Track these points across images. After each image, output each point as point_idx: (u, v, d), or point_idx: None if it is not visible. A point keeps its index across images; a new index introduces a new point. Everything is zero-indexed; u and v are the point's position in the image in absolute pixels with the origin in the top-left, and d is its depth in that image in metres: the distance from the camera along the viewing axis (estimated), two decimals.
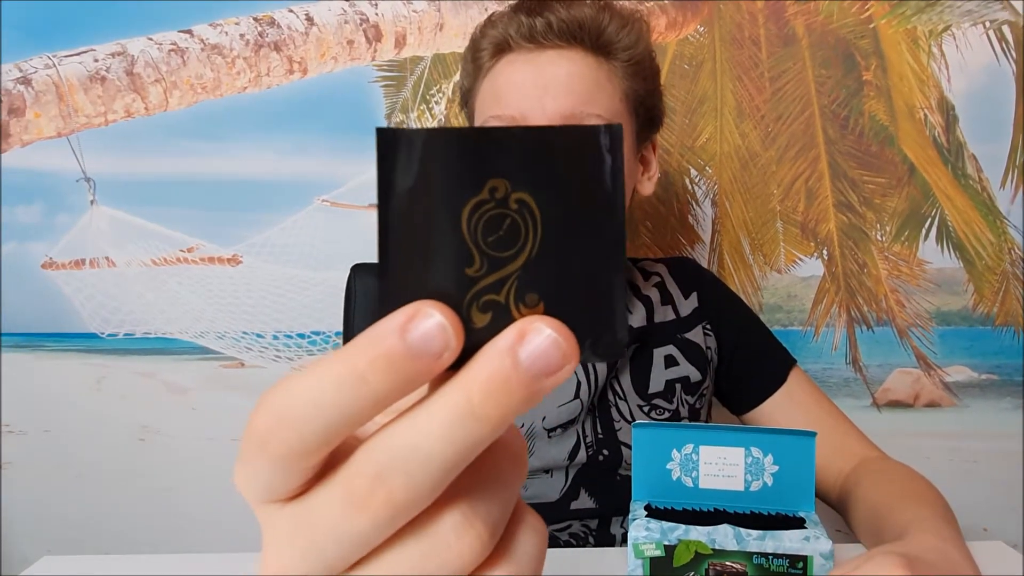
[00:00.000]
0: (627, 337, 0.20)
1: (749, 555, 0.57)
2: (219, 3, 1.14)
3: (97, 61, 1.14)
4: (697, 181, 1.22)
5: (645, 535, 0.58)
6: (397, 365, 0.18)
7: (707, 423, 0.92)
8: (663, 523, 0.59)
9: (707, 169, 1.21)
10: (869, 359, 1.25)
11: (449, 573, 0.19)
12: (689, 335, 0.89)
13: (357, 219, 1.20)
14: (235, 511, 1.22)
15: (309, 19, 1.15)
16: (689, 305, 0.91)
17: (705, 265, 1.21)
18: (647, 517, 0.60)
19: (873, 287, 1.23)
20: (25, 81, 1.14)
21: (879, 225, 1.22)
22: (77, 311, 1.21)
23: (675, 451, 0.63)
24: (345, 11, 1.16)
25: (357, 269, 1.02)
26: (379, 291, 0.19)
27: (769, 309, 1.23)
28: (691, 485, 0.63)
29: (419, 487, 0.18)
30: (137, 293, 1.21)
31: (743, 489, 0.62)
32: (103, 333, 1.22)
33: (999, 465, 1.26)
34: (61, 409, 1.24)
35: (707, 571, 0.58)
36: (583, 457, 0.82)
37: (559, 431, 0.81)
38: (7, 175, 1.18)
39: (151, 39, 1.15)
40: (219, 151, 1.19)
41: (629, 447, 0.83)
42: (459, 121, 1.19)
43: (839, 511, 0.81)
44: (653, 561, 0.58)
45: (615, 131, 0.20)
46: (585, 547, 0.82)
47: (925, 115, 1.20)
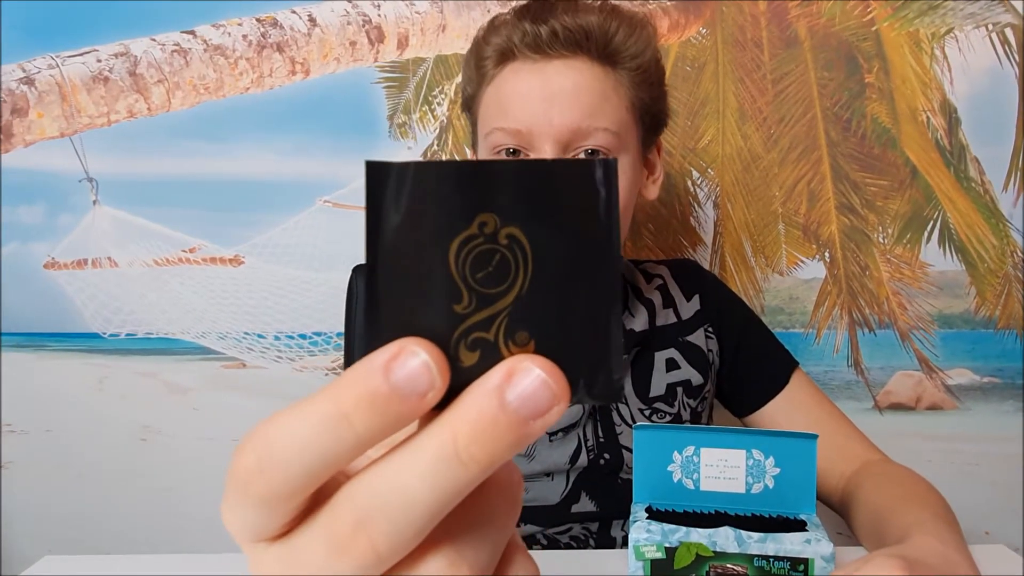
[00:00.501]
0: (623, 378, 0.20)
1: (750, 557, 0.57)
2: (222, 4, 1.15)
3: (100, 61, 1.14)
4: (699, 183, 1.22)
5: (646, 537, 0.58)
6: (381, 405, 0.17)
7: (708, 425, 0.91)
8: (664, 525, 0.59)
9: (709, 171, 1.21)
10: (871, 362, 1.24)
11: None
12: (691, 338, 0.89)
13: (359, 220, 1.20)
14: None
15: (312, 20, 1.16)
16: (691, 308, 0.91)
17: (707, 267, 1.21)
18: (648, 519, 0.60)
19: (875, 289, 1.23)
20: (28, 81, 1.14)
21: (881, 227, 1.22)
22: (79, 311, 1.22)
23: (676, 453, 0.63)
24: (348, 12, 1.16)
25: (359, 270, 1.02)
26: (366, 326, 0.19)
27: (771, 311, 1.23)
28: (692, 487, 0.63)
29: (402, 532, 0.18)
30: (139, 293, 1.21)
31: (744, 491, 0.62)
32: (105, 333, 1.22)
33: (1001, 468, 1.26)
34: (63, 409, 1.24)
35: (708, 573, 0.57)
36: (584, 461, 0.82)
37: (560, 435, 0.81)
38: (10, 175, 1.18)
39: (154, 40, 1.15)
40: (221, 152, 1.19)
41: (630, 451, 0.83)
42: (461, 122, 1.19)
43: (841, 514, 0.81)
44: (654, 563, 0.58)
45: (610, 165, 0.19)
46: (586, 549, 0.82)
47: (927, 118, 1.20)
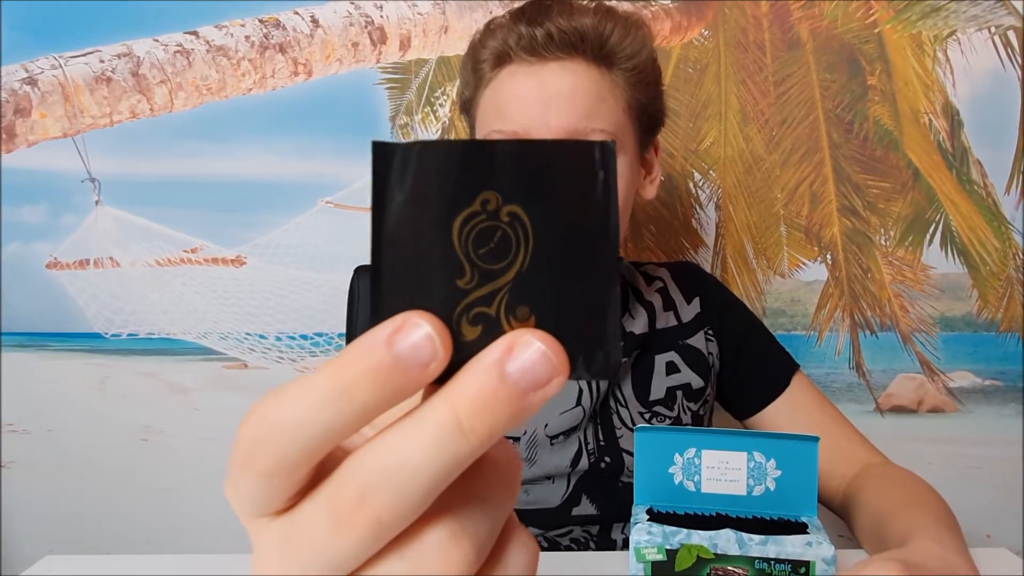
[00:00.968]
0: (620, 356, 0.20)
1: (751, 560, 0.57)
2: (225, 5, 1.15)
3: (103, 62, 1.14)
4: (701, 185, 1.22)
5: (647, 539, 0.58)
6: (383, 377, 0.18)
7: (709, 427, 0.91)
8: (665, 527, 0.58)
9: (711, 173, 1.21)
10: (872, 364, 1.24)
11: None
12: (691, 341, 0.89)
13: (361, 221, 1.20)
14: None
15: (314, 21, 1.16)
16: (691, 310, 0.91)
17: (708, 269, 1.21)
18: (649, 521, 0.60)
19: (877, 292, 1.23)
20: (31, 82, 1.14)
21: (883, 230, 1.21)
22: (81, 311, 1.22)
23: (677, 455, 0.63)
24: (350, 13, 1.16)
25: (360, 271, 1.02)
26: (371, 302, 0.20)
27: (772, 313, 1.22)
28: (693, 489, 0.63)
29: (404, 504, 0.18)
30: (141, 293, 1.21)
31: (745, 493, 0.62)
32: (107, 333, 1.22)
33: (1002, 471, 1.26)
34: (64, 409, 1.24)
35: (709, 575, 0.57)
36: (585, 464, 0.82)
37: (561, 438, 0.81)
38: (13, 175, 1.18)
39: (157, 40, 1.15)
40: (224, 152, 1.19)
41: (631, 454, 0.83)
42: (462, 124, 1.19)
43: (842, 517, 0.81)
44: (655, 565, 0.58)
45: (608, 148, 0.20)
46: (586, 551, 0.82)
47: (930, 120, 1.19)
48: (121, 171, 1.19)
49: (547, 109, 0.74)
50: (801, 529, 0.59)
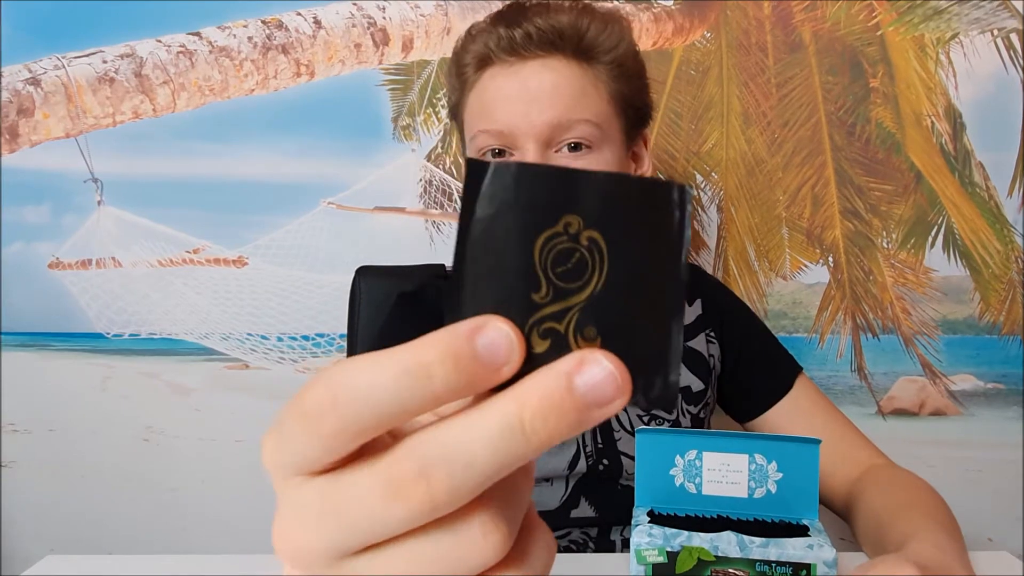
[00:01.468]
0: (678, 387, 0.21)
1: (752, 562, 0.57)
2: (227, 6, 1.15)
3: (106, 62, 1.15)
4: (703, 187, 1.22)
5: (648, 541, 0.58)
6: (463, 365, 0.19)
7: (710, 430, 0.91)
8: (666, 529, 0.58)
9: (713, 175, 1.21)
10: (874, 367, 1.24)
11: (467, 571, 0.20)
12: (692, 343, 0.88)
13: (362, 222, 1.21)
14: (238, 512, 1.22)
15: (317, 22, 1.16)
16: (692, 312, 0.90)
17: (710, 271, 1.21)
18: (650, 523, 0.60)
19: (879, 294, 1.23)
20: (34, 82, 1.15)
21: (885, 232, 1.21)
22: (83, 311, 1.22)
23: (678, 457, 0.63)
24: (353, 15, 1.16)
25: (362, 272, 1.02)
26: (450, 302, 0.21)
27: (774, 316, 1.22)
28: (694, 491, 0.63)
29: (459, 488, 0.19)
30: (143, 294, 1.21)
31: (747, 496, 0.62)
32: (109, 333, 1.22)
33: (1004, 474, 1.25)
34: (66, 409, 1.24)
35: None
36: (583, 467, 0.82)
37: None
38: (15, 175, 1.18)
39: (160, 41, 1.15)
40: (226, 153, 1.19)
41: (630, 457, 0.83)
42: None
43: (845, 519, 0.81)
44: (655, 567, 0.58)
45: (686, 191, 0.21)
46: (585, 553, 0.82)
47: (932, 122, 1.19)
48: (124, 171, 1.19)
49: (529, 106, 0.75)
50: (802, 532, 0.59)
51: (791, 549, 0.56)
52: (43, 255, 1.21)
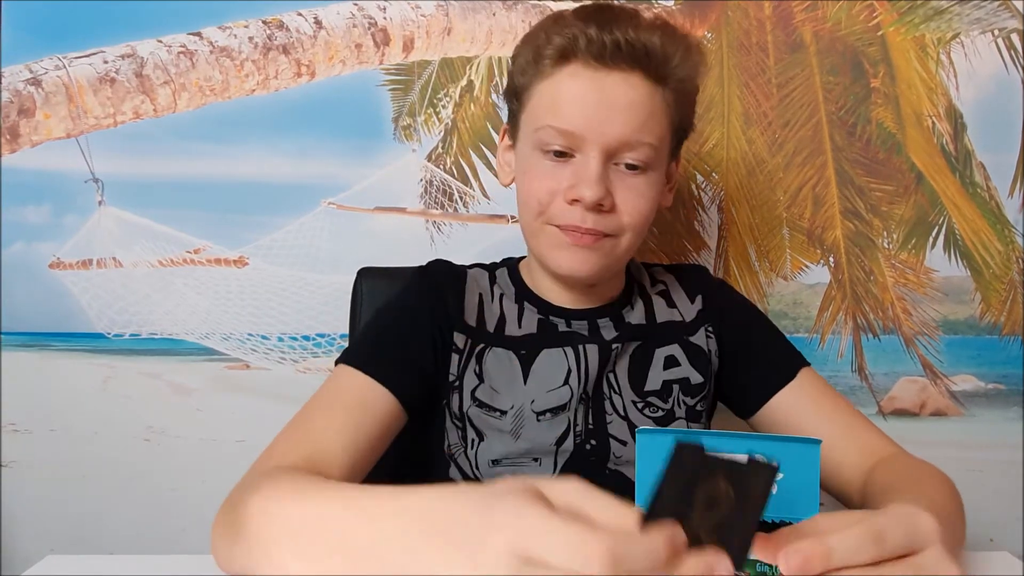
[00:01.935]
0: (743, 564, 0.37)
1: (753, 562, 0.57)
2: (228, 6, 1.15)
3: (107, 63, 1.15)
4: (703, 187, 1.22)
5: None
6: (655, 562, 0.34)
7: (710, 429, 0.91)
8: None
9: (713, 175, 1.21)
10: (875, 367, 1.24)
11: None
12: (693, 338, 0.88)
13: (363, 222, 1.21)
14: None
15: (317, 22, 1.16)
16: (694, 309, 0.90)
17: (711, 271, 1.21)
18: None
19: (879, 295, 1.23)
20: (35, 82, 1.15)
21: (886, 233, 1.21)
22: (84, 311, 1.22)
23: None
24: (353, 15, 1.16)
25: (363, 273, 1.03)
26: (648, 510, 0.37)
27: (775, 316, 1.22)
28: None
29: None
30: (144, 294, 1.21)
31: None
32: (110, 333, 1.23)
33: (1005, 475, 1.25)
34: (67, 409, 1.24)
35: None
36: (570, 444, 0.82)
37: (548, 415, 0.81)
38: (16, 175, 1.18)
39: (160, 41, 1.15)
40: (226, 153, 1.19)
41: (620, 442, 0.83)
42: (465, 124, 1.20)
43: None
44: None
45: (776, 471, 0.39)
46: None
47: (933, 123, 1.19)
48: (124, 172, 1.19)
49: (604, 117, 0.75)
50: None
51: None
52: (44, 255, 1.21)
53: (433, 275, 0.88)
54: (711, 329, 0.89)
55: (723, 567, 0.35)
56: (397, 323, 0.83)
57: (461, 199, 1.21)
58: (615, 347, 0.84)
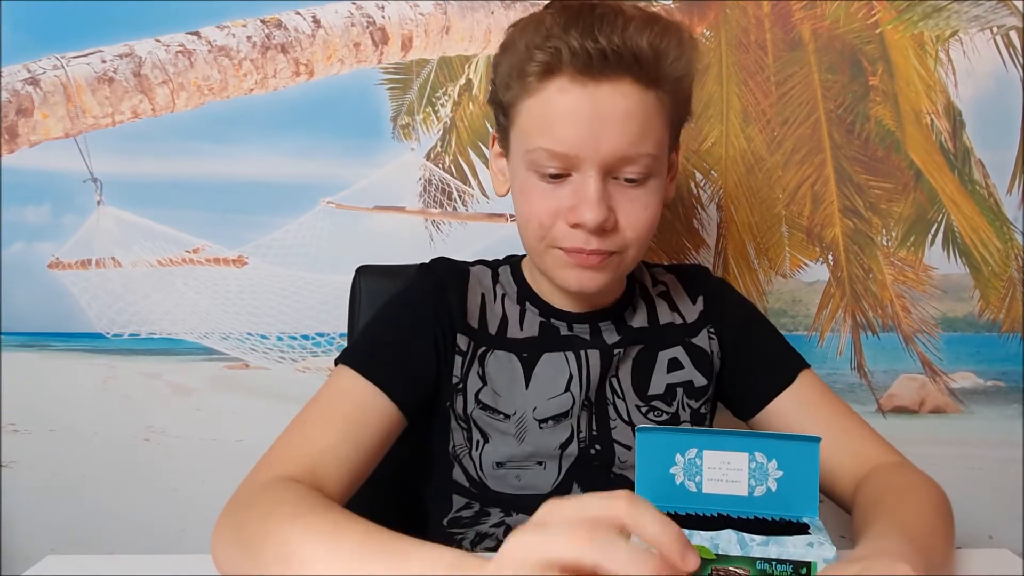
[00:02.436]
0: None
1: (752, 560, 0.57)
2: (226, 5, 1.15)
3: (105, 62, 1.15)
4: (702, 185, 1.22)
5: None
6: None
7: (711, 428, 0.91)
8: None
9: (712, 173, 1.21)
10: (874, 365, 1.24)
11: None
12: (695, 340, 0.88)
13: (362, 221, 1.21)
14: None
15: (316, 21, 1.16)
16: (695, 310, 0.90)
17: (710, 269, 1.21)
18: None
19: (879, 292, 1.23)
20: (33, 82, 1.15)
21: (885, 230, 1.21)
22: (83, 311, 1.22)
23: (678, 455, 0.63)
24: (352, 14, 1.16)
25: (362, 271, 1.02)
26: None
27: (774, 314, 1.22)
28: (694, 490, 0.63)
29: None
30: (143, 293, 1.21)
31: (747, 494, 0.62)
32: (109, 333, 1.23)
33: (1004, 472, 1.26)
34: (66, 409, 1.24)
35: None
36: (575, 449, 0.81)
37: (551, 423, 0.81)
38: (14, 175, 1.18)
39: (159, 41, 1.15)
40: (225, 153, 1.19)
41: (624, 447, 0.83)
42: (464, 123, 1.20)
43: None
44: None
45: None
46: None
47: (932, 120, 1.19)
48: (123, 171, 1.19)
49: (599, 134, 0.72)
50: (803, 530, 0.59)
51: (791, 547, 0.57)
52: (43, 255, 1.21)
53: (436, 274, 0.86)
54: (713, 330, 0.89)
55: None
56: (399, 324, 0.82)
57: (460, 198, 1.21)
58: (617, 352, 0.84)
